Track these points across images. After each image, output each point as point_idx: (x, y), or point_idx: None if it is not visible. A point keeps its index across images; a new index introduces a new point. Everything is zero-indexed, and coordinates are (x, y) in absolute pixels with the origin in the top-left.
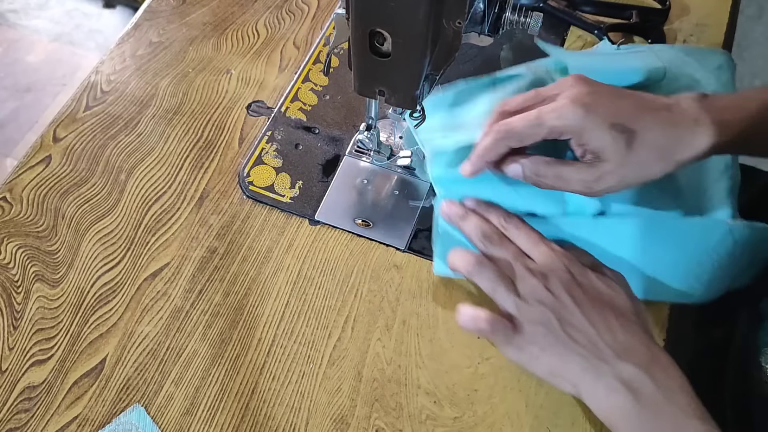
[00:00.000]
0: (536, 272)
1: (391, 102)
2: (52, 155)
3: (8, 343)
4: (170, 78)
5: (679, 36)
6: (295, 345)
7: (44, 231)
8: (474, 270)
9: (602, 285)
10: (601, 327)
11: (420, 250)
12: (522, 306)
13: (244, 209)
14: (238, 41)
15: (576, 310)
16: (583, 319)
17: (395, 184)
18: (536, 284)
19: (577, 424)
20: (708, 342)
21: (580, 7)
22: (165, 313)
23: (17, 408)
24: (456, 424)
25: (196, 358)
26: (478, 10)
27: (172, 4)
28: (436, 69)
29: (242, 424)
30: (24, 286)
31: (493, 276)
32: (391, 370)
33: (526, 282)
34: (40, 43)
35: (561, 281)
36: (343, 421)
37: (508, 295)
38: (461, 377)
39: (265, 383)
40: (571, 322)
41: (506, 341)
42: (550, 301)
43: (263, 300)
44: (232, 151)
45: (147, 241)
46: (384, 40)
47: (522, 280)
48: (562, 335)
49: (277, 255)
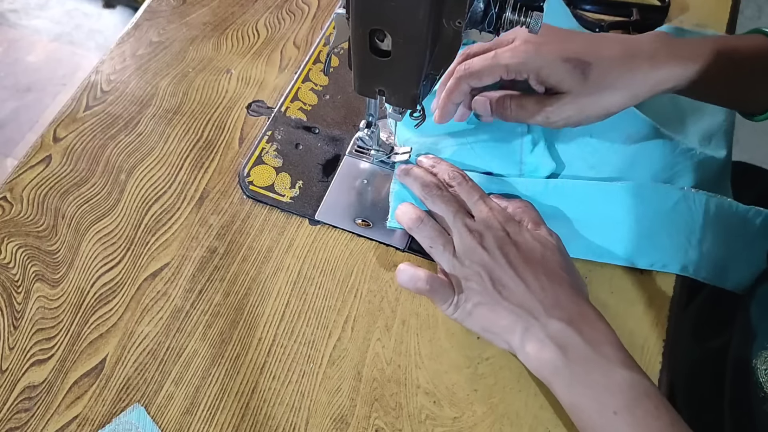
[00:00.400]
0: (473, 230)
1: (391, 102)
2: (52, 155)
3: (8, 343)
4: (170, 78)
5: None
6: (295, 345)
7: (44, 231)
8: (414, 225)
9: (536, 243)
10: (532, 284)
11: (420, 250)
12: (456, 264)
13: (244, 209)
14: (238, 41)
15: (508, 268)
16: (515, 277)
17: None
18: (471, 242)
19: None
20: (706, 351)
21: (580, 5)
22: (165, 313)
23: (17, 407)
24: (456, 424)
25: (196, 357)
26: (478, 9)
27: (172, 4)
28: (436, 69)
29: (242, 423)
30: (24, 285)
31: (432, 233)
32: (391, 370)
33: (463, 240)
34: (40, 43)
35: (496, 239)
36: (343, 420)
37: (444, 252)
38: (461, 377)
39: (266, 383)
40: (502, 280)
41: (443, 299)
42: (484, 259)
43: (263, 300)
44: (232, 151)
45: (147, 241)
46: (384, 40)
47: (459, 237)
48: (494, 292)
49: (277, 255)
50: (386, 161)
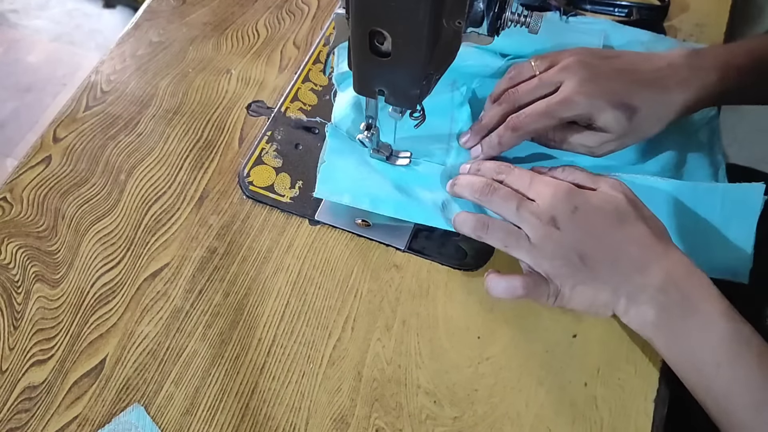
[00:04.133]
0: (541, 216)
1: (390, 102)
2: (52, 155)
3: (8, 343)
4: (170, 78)
5: (679, 36)
6: (295, 345)
7: (44, 231)
8: (482, 233)
9: (606, 205)
10: (617, 250)
11: (420, 250)
12: (537, 255)
13: (244, 209)
14: (238, 41)
15: (589, 242)
16: (599, 248)
17: None
18: (544, 229)
19: (578, 423)
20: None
21: (580, 5)
22: (165, 313)
23: (17, 408)
24: (456, 423)
25: (196, 358)
26: (478, 9)
27: (172, 4)
28: (436, 69)
29: (242, 423)
30: (24, 286)
31: (501, 234)
32: (391, 370)
33: (535, 229)
34: (40, 43)
35: (566, 217)
36: (343, 420)
37: (520, 248)
38: (461, 377)
39: (265, 383)
40: (588, 255)
41: (543, 295)
42: (563, 241)
43: (263, 300)
44: (232, 151)
45: (147, 241)
46: (384, 40)
47: (531, 227)
48: (585, 269)
49: (277, 255)
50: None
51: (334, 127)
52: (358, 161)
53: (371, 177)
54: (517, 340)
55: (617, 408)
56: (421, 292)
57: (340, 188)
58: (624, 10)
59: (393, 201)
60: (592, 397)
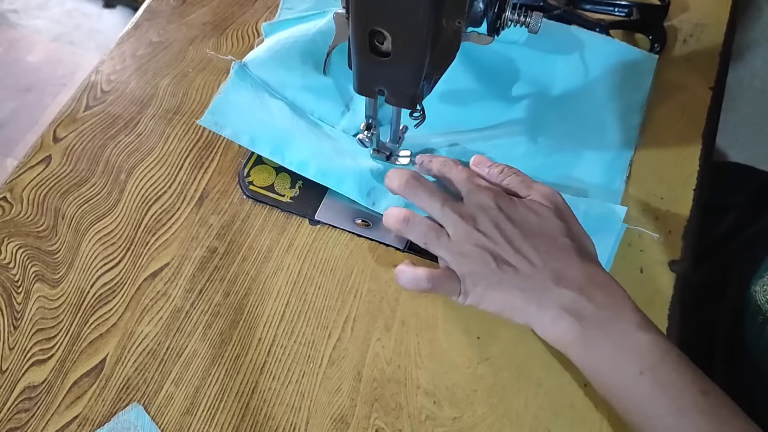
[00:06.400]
0: (464, 214)
1: (390, 102)
2: (52, 155)
3: (8, 343)
4: (170, 78)
5: (679, 36)
6: (295, 345)
7: (44, 231)
8: (402, 227)
9: (532, 215)
10: (535, 258)
11: (420, 250)
12: (455, 253)
13: (244, 209)
14: (238, 41)
15: (507, 247)
16: (516, 254)
17: None
18: (465, 227)
19: (577, 424)
20: (695, 325)
21: (580, 5)
22: (165, 313)
23: (17, 408)
24: (455, 424)
25: (196, 358)
26: (478, 9)
27: (172, 4)
28: (436, 69)
29: (242, 423)
30: (24, 286)
31: (422, 229)
32: (391, 370)
33: (456, 227)
34: (40, 43)
35: (490, 219)
36: (343, 420)
37: (439, 245)
38: (461, 377)
39: (266, 383)
40: (504, 260)
41: (451, 292)
42: (482, 242)
43: (263, 300)
44: (232, 151)
45: (147, 241)
46: (384, 40)
47: (452, 225)
48: (499, 273)
49: (277, 255)
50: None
51: (241, 65)
52: (253, 101)
53: (262, 118)
54: (516, 341)
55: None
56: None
57: (224, 122)
58: (624, 10)
59: (272, 142)
60: (592, 398)
